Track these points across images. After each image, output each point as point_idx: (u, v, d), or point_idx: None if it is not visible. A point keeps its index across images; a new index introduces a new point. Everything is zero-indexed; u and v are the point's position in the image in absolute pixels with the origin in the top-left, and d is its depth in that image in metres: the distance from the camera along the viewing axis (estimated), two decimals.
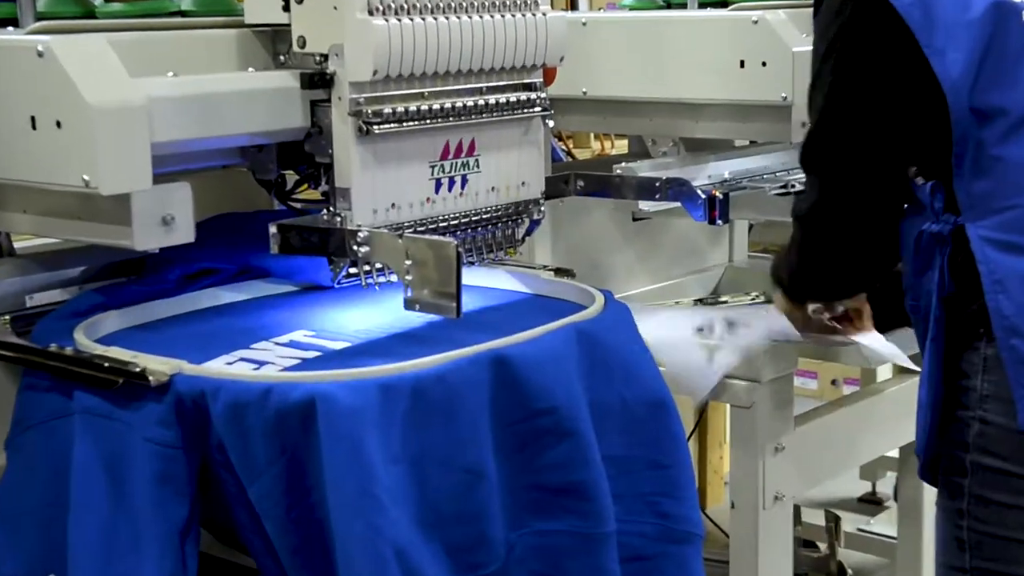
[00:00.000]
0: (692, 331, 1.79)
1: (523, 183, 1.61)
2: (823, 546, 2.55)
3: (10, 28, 1.42)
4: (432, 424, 1.25)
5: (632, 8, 2.09)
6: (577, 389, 1.36)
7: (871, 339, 1.75)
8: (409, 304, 1.33)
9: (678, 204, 1.87)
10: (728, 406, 1.82)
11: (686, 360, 1.72)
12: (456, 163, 1.53)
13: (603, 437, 1.38)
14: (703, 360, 1.74)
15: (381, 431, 1.21)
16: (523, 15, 1.52)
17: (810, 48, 1.51)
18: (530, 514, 1.33)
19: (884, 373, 2.35)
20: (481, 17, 1.48)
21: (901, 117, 1.43)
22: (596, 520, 1.34)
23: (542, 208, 1.63)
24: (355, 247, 1.41)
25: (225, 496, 1.27)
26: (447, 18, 1.45)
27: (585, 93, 2.02)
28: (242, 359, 1.34)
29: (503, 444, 1.31)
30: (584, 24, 2.01)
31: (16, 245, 1.60)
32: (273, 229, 1.45)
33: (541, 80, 1.59)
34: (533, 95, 1.58)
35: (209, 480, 1.27)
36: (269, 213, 1.75)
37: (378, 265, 1.44)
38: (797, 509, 2.31)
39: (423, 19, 1.43)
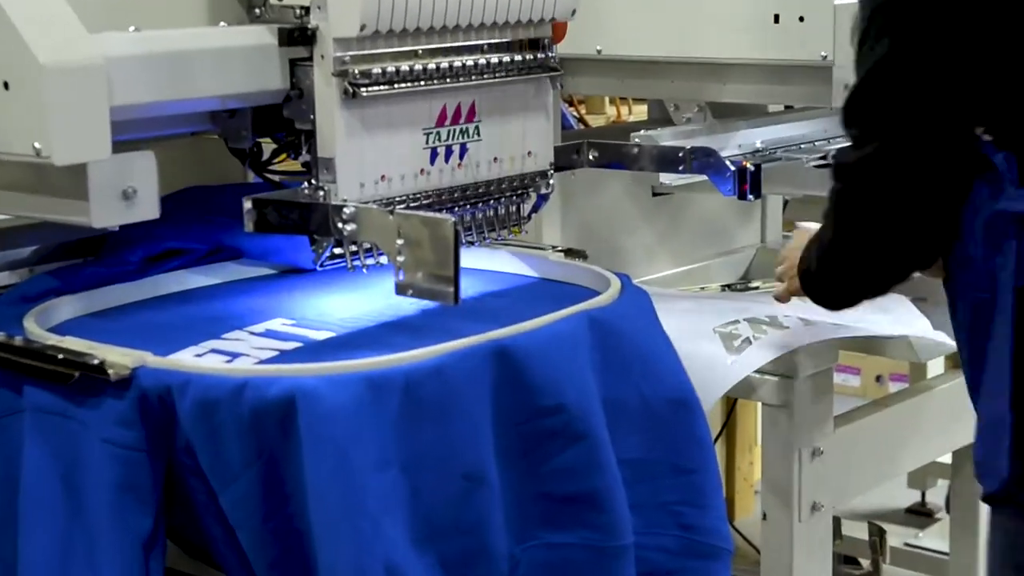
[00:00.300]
0: (716, 325, 1.78)
1: (529, 153, 1.61)
2: (866, 563, 2.56)
3: None
4: (427, 424, 1.25)
5: None
6: (589, 385, 1.37)
7: (919, 327, 1.75)
8: (401, 289, 1.33)
9: (704, 177, 1.86)
10: (759, 405, 1.82)
11: (701, 351, 1.71)
12: (454, 130, 1.53)
13: (619, 439, 1.38)
14: (722, 353, 1.73)
15: (369, 432, 1.21)
16: None
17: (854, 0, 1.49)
18: (537, 525, 1.33)
19: (935, 368, 2.34)
20: None
21: (975, 66, 1.36)
22: (611, 532, 1.35)
23: (551, 181, 1.63)
24: (340, 225, 1.41)
25: (194, 504, 1.27)
26: None
27: (599, 52, 2.02)
28: (213, 350, 1.34)
29: (506, 447, 1.31)
30: None
31: None
32: (248, 204, 1.45)
33: (550, 37, 1.59)
34: (541, 54, 1.58)
35: (176, 486, 1.27)
36: (243, 186, 1.75)
37: (366, 245, 1.44)
38: (837, 521, 2.31)
39: None
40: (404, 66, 1.45)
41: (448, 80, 1.49)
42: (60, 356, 1.28)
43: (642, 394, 1.43)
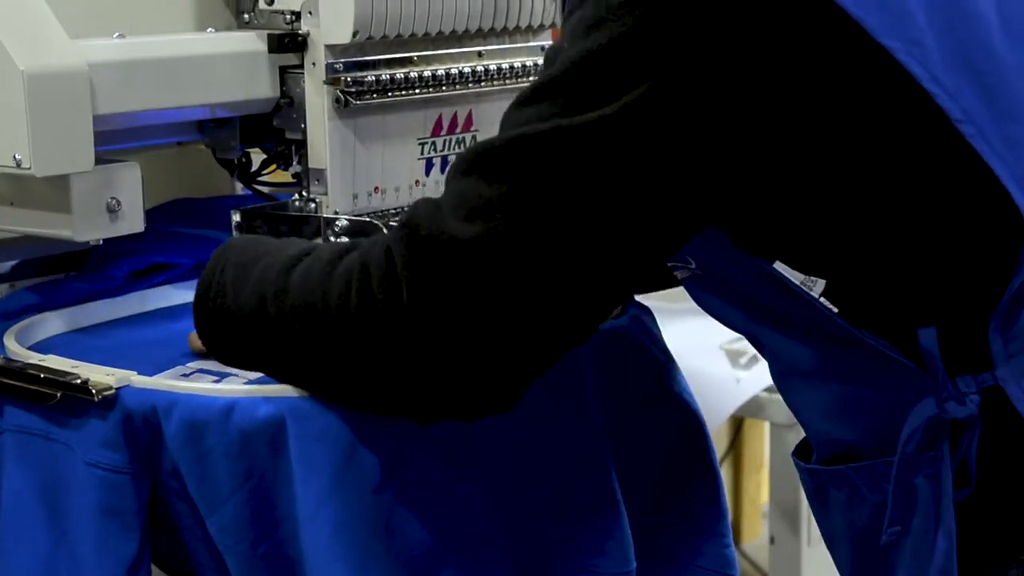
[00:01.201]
0: (722, 341, 1.78)
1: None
2: None
3: None
4: (422, 447, 1.25)
5: None
6: (590, 405, 1.36)
7: None
8: None
9: None
10: (767, 424, 1.82)
11: (707, 369, 1.71)
12: (450, 140, 1.53)
13: (620, 462, 1.38)
14: (729, 371, 1.73)
15: (364, 454, 1.21)
16: None
17: None
18: (539, 552, 1.33)
19: None
20: None
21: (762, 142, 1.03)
22: (616, 559, 1.34)
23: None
24: (332, 238, 1.41)
25: (180, 529, 1.27)
26: None
27: None
28: (200, 370, 1.34)
29: (506, 472, 1.31)
30: None
31: None
32: (236, 217, 1.45)
33: (551, 43, 1.60)
34: (541, 60, 1.58)
35: (161, 510, 1.27)
36: (231, 198, 1.75)
37: None
38: None
39: None
40: (398, 74, 1.45)
41: (444, 88, 1.49)
42: (42, 375, 1.28)
43: (645, 415, 1.43)
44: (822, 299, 1.11)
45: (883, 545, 1.14)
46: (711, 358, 1.73)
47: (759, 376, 1.71)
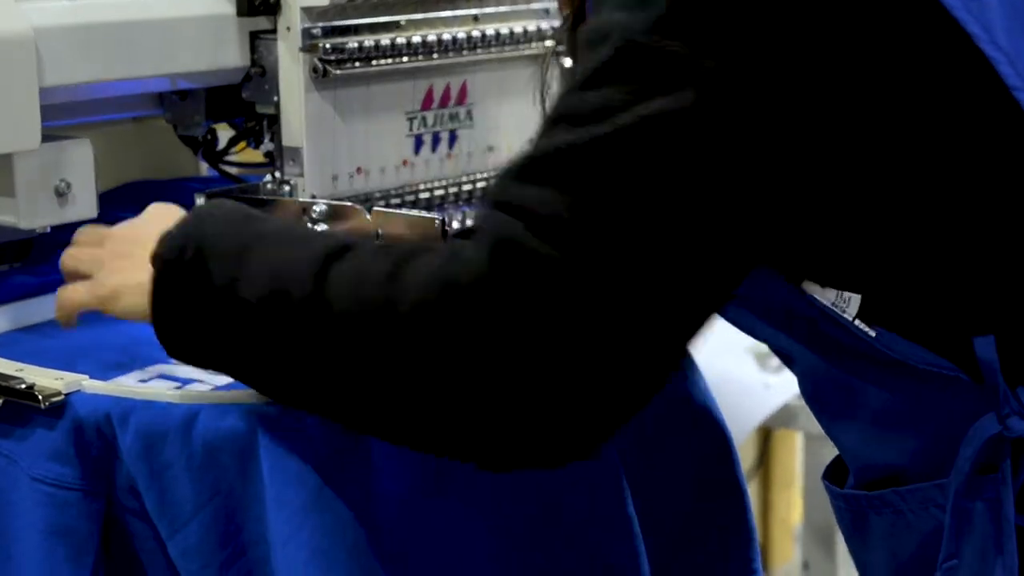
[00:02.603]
0: (748, 342, 1.79)
1: (529, 141, 1.61)
2: None
3: None
4: (407, 458, 1.25)
5: None
6: None
7: None
8: None
9: None
10: (800, 436, 1.82)
11: (732, 373, 1.71)
12: (442, 114, 1.53)
13: (637, 483, 1.38)
14: (757, 375, 1.73)
15: (341, 468, 1.21)
16: None
17: None
18: None
19: None
20: None
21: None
22: None
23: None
24: (310, 225, 1.41)
25: (138, 554, 1.27)
26: None
27: None
28: (161, 375, 1.34)
29: (505, 491, 1.31)
30: None
31: None
32: (200, 201, 1.45)
33: (555, 5, 1.59)
34: (544, 25, 1.58)
35: (117, 532, 1.27)
36: (195, 180, 1.75)
37: None
38: None
39: None
40: (384, 40, 1.45)
41: (435, 56, 1.49)
42: None
43: (662, 426, 1.43)
44: (857, 322, 1.11)
45: None
46: (737, 361, 1.73)
47: (790, 381, 1.71)
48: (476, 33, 1.52)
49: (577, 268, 1.01)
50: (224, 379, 1.31)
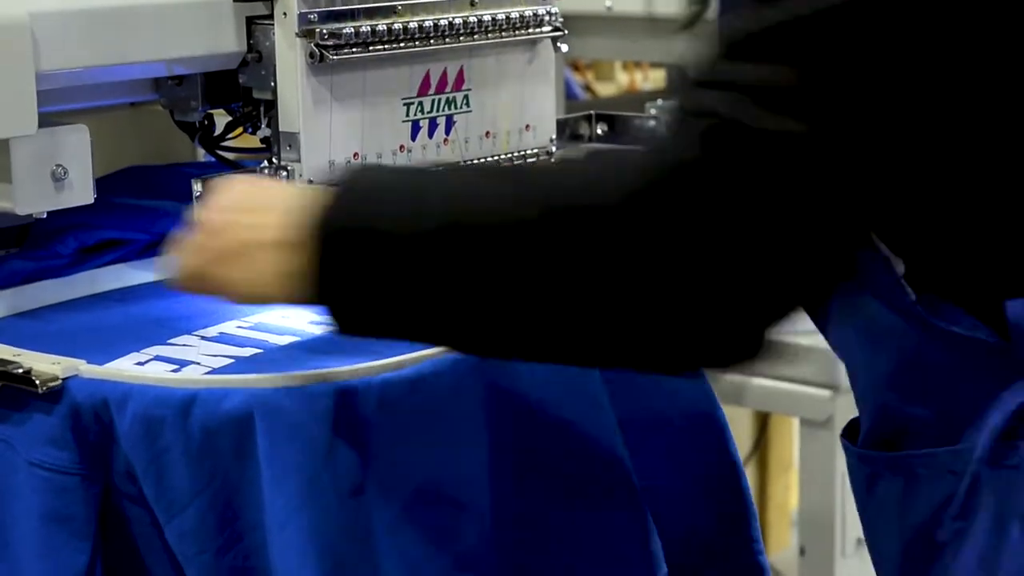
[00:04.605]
0: None
1: (527, 127, 1.61)
2: None
3: None
4: (406, 444, 1.25)
5: None
6: (601, 401, 1.37)
7: None
8: None
9: None
10: (796, 421, 1.82)
11: None
12: (439, 100, 1.53)
13: (636, 463, 1.38)
14: None
15: (340, 453, 1.22)
16: None
17: None
18: (548, 563, 1.33)
19: None
20: None
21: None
22: (643, 567, 1.34)
23: (552, 160, 1.63)
24: None
25: (135, 538, 1.27)
26: None
27: (609, 8, 2.02)
28: (157, 358, 1.34)
29: (503, 471, 1.31)
30: None
31: None
32: (198, 187, 1.45)
33: None
34: (541, 10, 1.58)
35: (114, 517, 1.27)
36: (192, 166, 1.75)
37: None
38: None
39: None
40: (381, 25, 1.45)
41: (432, 41, 1.49)
42: None
43: (659, 409, 1.43)
44: (902, 281, 1.11)
45: (941, 543, 1.14)
46: None
47: None
48: (473, 18, 1.52)
49: (821, 143, 0.99)
50: (221, 362, 1.31)
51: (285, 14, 1.42)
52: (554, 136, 1.64)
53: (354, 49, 1.44)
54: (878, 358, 1.18)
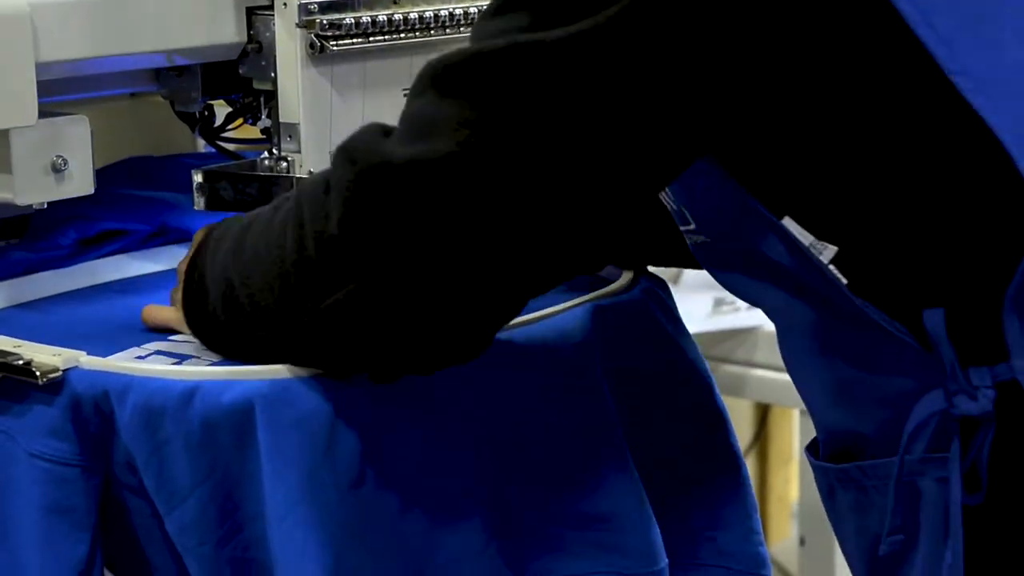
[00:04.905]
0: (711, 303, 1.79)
1: None
2: None
3: None
4: (409, 433, 1.25)
5: None
6: (601, 390, 1.37)
7: None
8: None
9: None
10: (797, 412, 1.82)
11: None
12: None
13: (636, 452, 1.38)
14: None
15: (341, 444, 1.22)
16: None
17: None
18: (547, 554, 1.33)
19: None
20: None
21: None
22: (643, 558, 1.34)
23: None
24: None
25: (135, 530, 1.27)
26: None
27: None
28: (158, 351, 1.34)
29: (505, 460, 1.31)
30: None
31: None
32: (198, 177, 1.45)
33: None
34: None
35: (114, 508, 1.27)
36: (192, 157, 1.75)
37: None
38: None
39: None
40: (381, 15, 1.45)
41: (432, 32, 1.49)
42: None
43: (659, 399, 1.43)
44: (831, 267, 1.11)
45: (885, 556, 1.14)
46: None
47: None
48: (474, 8, 1.52)
49: (423, 166, 1.03)
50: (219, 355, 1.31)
51: (285, 4, 1.42)
52: None
53: (354, 39, 1.43)
54: (820, 374, 1.18)
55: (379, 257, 1.06)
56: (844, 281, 1.11)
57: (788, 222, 1.11)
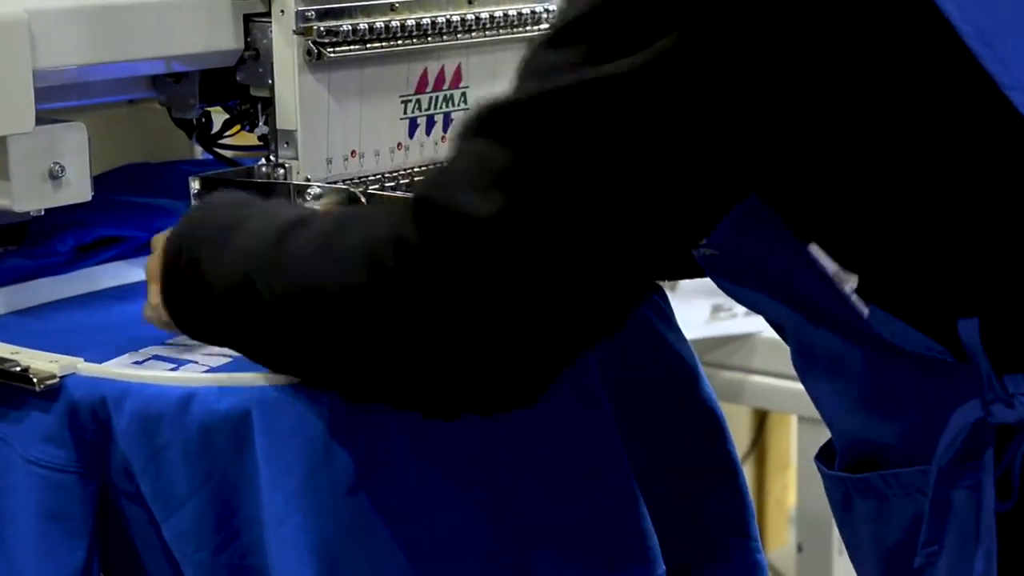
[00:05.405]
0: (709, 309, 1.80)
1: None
2: None
3: None
4: (406, 441, 1.25)
5: None
6: (598, 394, 1.37)
7: None
8: None
9: None
10: (795, 418, 1.82)
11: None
12: (437, 97, 1.53)
13: (633, 460, 1.38)
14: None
15: (337, 453, 1.22)
16: None
17: None
18: (546, 560, 1.33)
19: None
20: None
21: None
22: (640, 564, 1.34)
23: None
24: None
25: (132, 537, 1.27)
26: None
27: None
28: (155, 357, 1.34)
29: (501, 471, 1.31)
30: None
31: None
32: (195, 184, 1.45)
33: None
34: (539, 8, 1.58)
35: (111, 515, 1.27)
36: (190, 163, 1.75)
37: None
38: None
39: None
40: (378, 22, 1.45)
41: (430, 39, 1.49)
42: None
43: (657, 406, 1.43)
44: (854, 298, 1.11)
45: (917, 569, 1.14)
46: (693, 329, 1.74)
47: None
48: (471, 16, 1.52)
49: (510, 221, 1.02)
50: (219, 361, 1.31)
51: (283, 11, 1.42)
52: None
53: (351, 46, 1.44)
54: (840, 386, 1.18)
55: (462, 302, 1.04)
56: (866, 312, 1.11)
57: (814, 249, 1.12)
